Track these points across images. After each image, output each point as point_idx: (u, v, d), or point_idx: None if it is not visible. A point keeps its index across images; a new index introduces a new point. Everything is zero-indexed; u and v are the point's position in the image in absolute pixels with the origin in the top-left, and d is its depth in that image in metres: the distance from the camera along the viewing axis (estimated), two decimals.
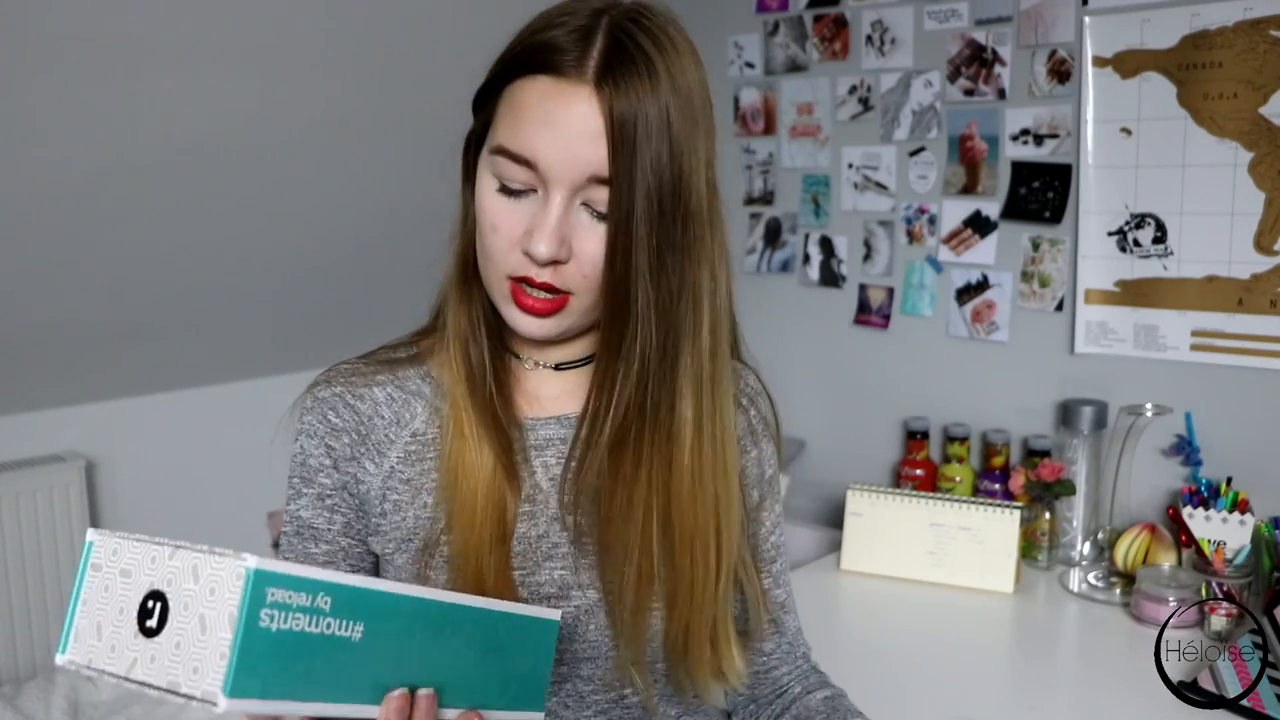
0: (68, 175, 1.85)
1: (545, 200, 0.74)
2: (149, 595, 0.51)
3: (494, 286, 0.79)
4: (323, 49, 1.97)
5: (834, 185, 2.27)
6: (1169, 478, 1.85)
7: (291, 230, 2.25)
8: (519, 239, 0.75)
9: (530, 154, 0.73)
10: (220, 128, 1.96)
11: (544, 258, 0.74)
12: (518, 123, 0.74)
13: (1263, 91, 1.71)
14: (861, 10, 2.17)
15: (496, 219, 0.76)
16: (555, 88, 0.73)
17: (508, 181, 0.75)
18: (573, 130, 0.73)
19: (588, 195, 0.74)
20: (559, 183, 0.74)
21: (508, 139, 0.75)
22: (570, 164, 0.73)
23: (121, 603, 0.52)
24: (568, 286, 0.76)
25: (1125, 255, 1.89)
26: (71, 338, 2.17)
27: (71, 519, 2.28)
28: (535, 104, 0.74)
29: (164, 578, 0.51)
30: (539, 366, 0.87)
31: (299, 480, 0.85)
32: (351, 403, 0.84)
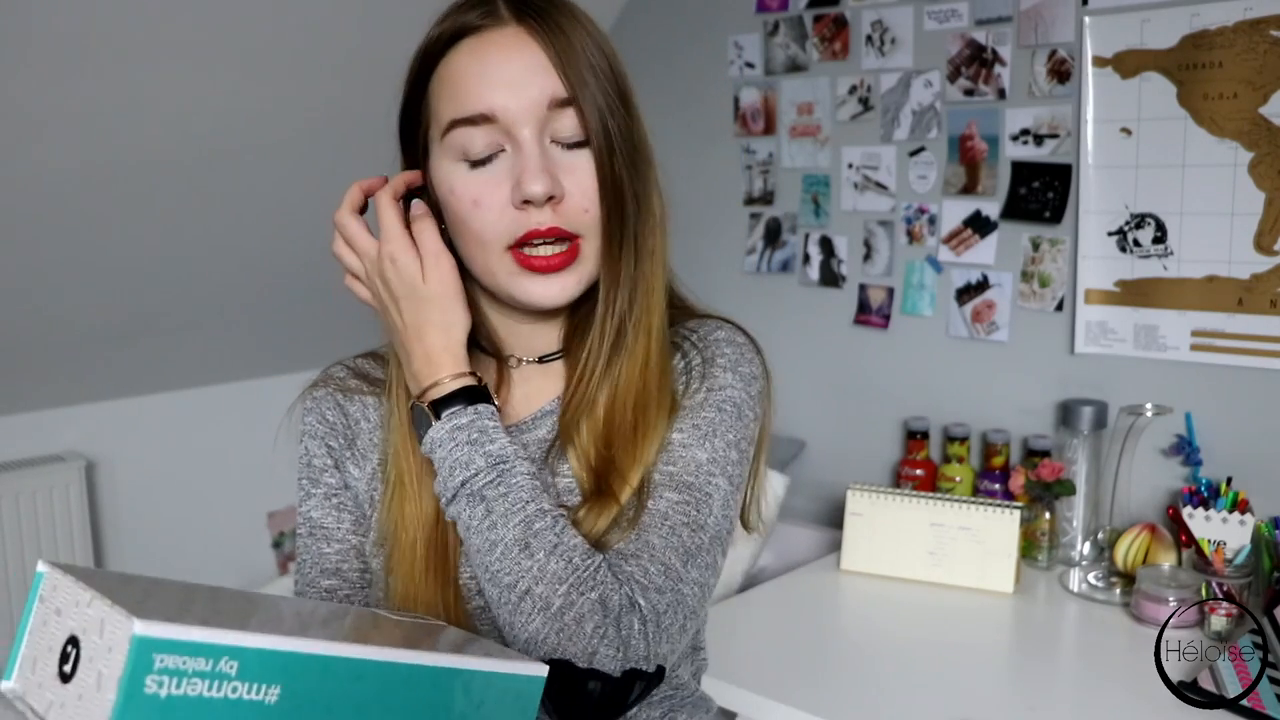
0: (67, 175, 1.85)
1: (516, 148, 0.73)
2: (68, 640, 0.49)
3: (494, 268, 0.76)
4: (322, 49, 1.97)
5: (834, 185, 2.27)
6: (1169, 478, 1.85)
7: (292, 230, 2.25)
8: (507, 199, 0.74)
9: (484, 107, 0.72)
10: (221, 127, 1.96)
11: (541, 194, 0.72)
12: (459, 87, 0.74)
13: (1263, 91, 1.71)
14: (861, 10, 2.17)
15: (475, 193, 0.74)
16: (480, 41, 0.74)
17: (471, 153, 0.74)
18: (515, 65, 0.73)
19: (554, 127, 0.74)
20: (522, 122, 0.73)
21: (455, 108, 0.74)
22: (526, 98, 0.72)
23: (51, 641, 0.51)
24: (574, 228, 0.75)
25: (1125, 255, 1.89)
26: (71, 338, 2.17)
27: (71, 519, 2.28)
28: (469, 62, 0.74)
29: (81, 625, 0.49)
30: (522, 363, 0.85)
31: (307, 481, 0.85)
32: (342, 404, 0.85)
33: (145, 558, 2.48)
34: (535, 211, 0.74)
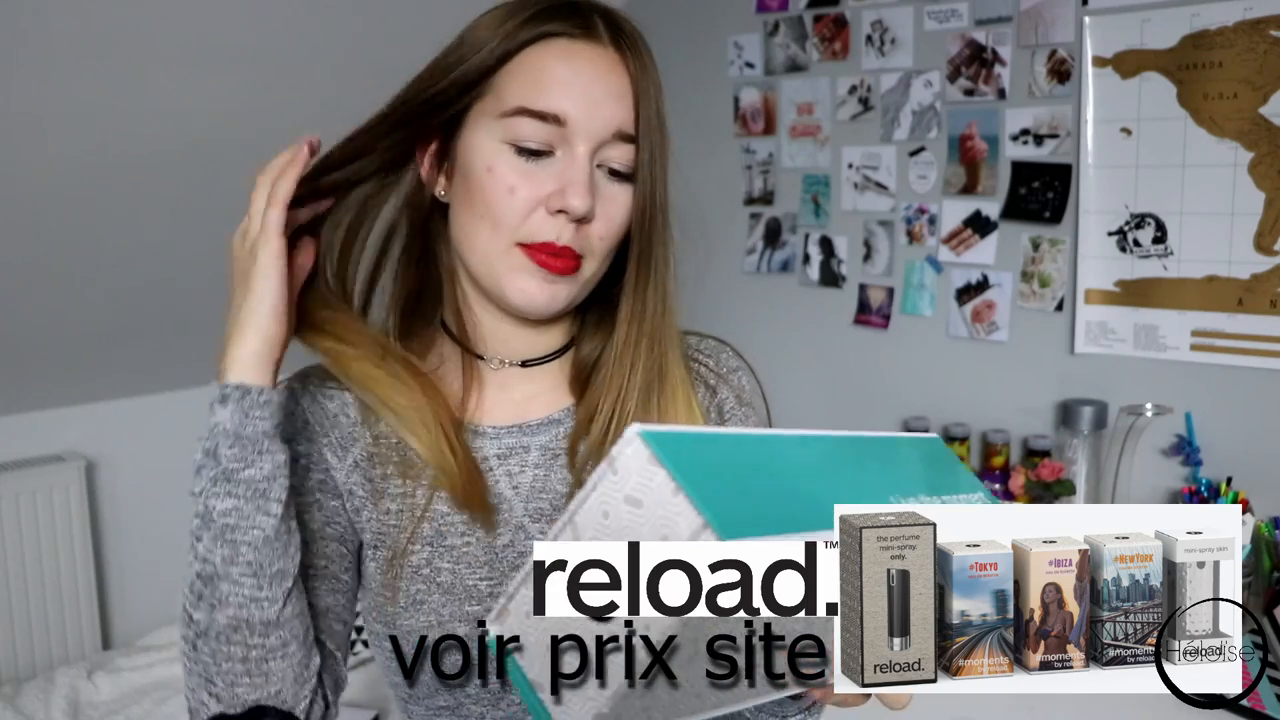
0: (68, 175, 1.85)
1: (569, 157, 0.74)
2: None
3: (496, 258, 0.76)
4: (322, 49, 1.97)
5: (834, 185, 2.27)
6: (1169, 478, 1.85)
7: None
8: (540, 200, 0.74)
9: (559, 109, 0.73)
10: (221, 127, 1.96)
11: (581, 211, 0.73)
12: (541, 81, 0.74)
13: (1263, 91, 1.71)
14: (861, 10, 2.17)
15: (515, 181, 0.74)
16: (575, 47, 0.75)
17: (525, 142, 0.74)
18: (600, 86, 0.74)
19: (606, 154, 0.75)
20: (585, 138, 0.74)
21: (530, 98, 0.74)
22: (599, 119, 0.74)
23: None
24: (584, 250, 0.76)
25: (1125, 255, 1.89)
26: (71, 338, 2.17)
27: (71, 519, 2.28)
28: (558, 63, 0.75)
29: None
30: (505, 365, 0.84)
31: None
32: (321, 401, 0.84)
33: (145, 558, 2.48)
34: (562, 223, 0.75)
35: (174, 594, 2.61)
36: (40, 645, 2.25)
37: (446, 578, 0.80)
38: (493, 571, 0.81)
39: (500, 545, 0.81)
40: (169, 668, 2.19)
